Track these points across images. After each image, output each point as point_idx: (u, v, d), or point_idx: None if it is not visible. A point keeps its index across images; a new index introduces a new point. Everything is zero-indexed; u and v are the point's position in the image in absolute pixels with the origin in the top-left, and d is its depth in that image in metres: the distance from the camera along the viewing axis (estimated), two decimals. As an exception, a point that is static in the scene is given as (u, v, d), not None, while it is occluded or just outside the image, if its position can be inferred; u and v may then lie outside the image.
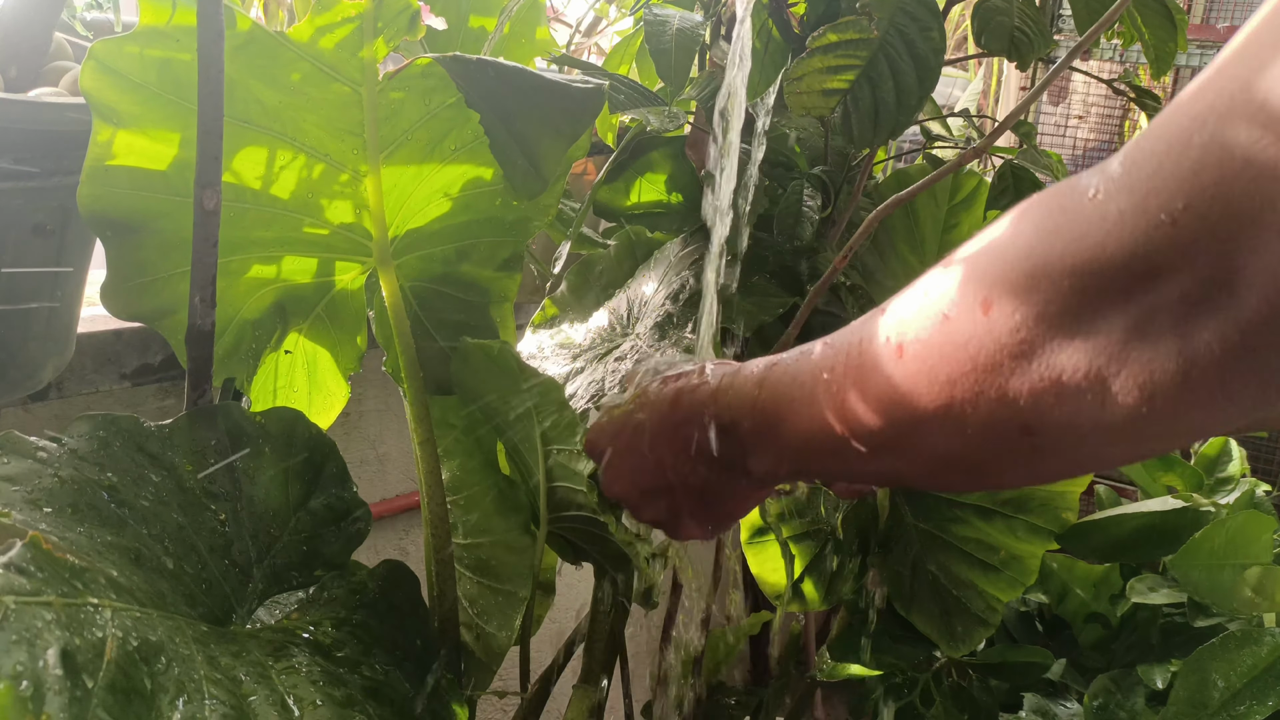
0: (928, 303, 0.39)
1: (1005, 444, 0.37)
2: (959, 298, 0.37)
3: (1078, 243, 0.33)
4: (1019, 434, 0.36)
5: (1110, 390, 0.33)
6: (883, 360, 0.40)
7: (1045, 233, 0.34)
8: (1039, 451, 0.37)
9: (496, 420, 0.91)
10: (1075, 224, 0.33)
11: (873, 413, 0.41)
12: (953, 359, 0.37)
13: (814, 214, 1.01)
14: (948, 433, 0.38)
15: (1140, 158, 0.32)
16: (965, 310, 0.37)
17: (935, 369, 0.38)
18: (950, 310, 0.37)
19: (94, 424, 0.64)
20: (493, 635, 0.94)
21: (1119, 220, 0.32)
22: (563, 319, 1.08)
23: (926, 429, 0.39)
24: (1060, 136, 2.40)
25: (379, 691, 0.64)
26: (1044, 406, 0.35)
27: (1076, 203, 0.33)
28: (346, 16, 0.69)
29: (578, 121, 0.75)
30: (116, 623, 0.49)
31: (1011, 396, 0.36)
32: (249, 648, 0.59)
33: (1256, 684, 0.98)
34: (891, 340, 0.40)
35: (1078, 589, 1.40)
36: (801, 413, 0.45)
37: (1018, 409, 0.36)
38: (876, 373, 0.40)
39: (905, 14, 0.89)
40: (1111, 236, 0.32)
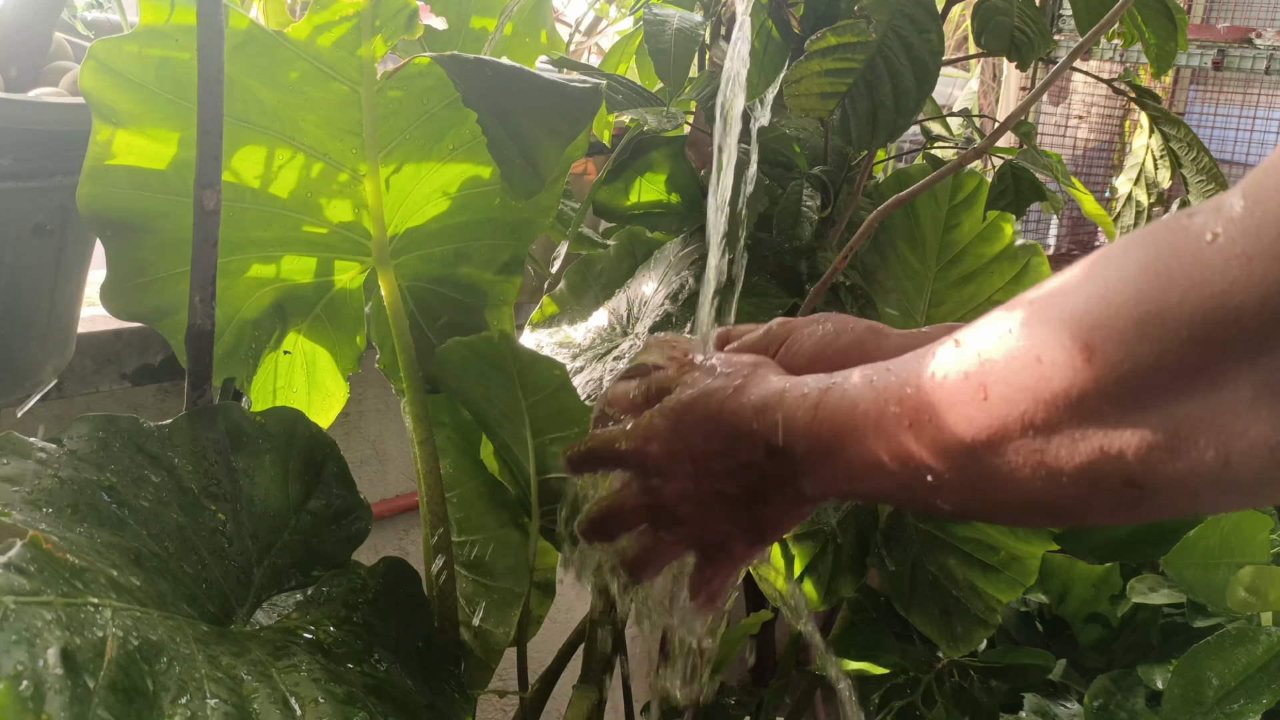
0: (1015, 342, 0.36)
1: (1106, 495, 0.35)
2: (1054, 341, 0.34)
3: (1197, 290, 0.30)
4: (1123, 486, 0.34)
5: (1235, 451, 0.31)
6: (962, 400, 0.37)
7: (1156, 276, 0.31)
8: (1143, 503, 0.34)
9: (482, 415, 0.90)
10: (1192, 269, 0.30)
11: (950, 455, 0.38)
12: (1048, 406, 0.34)
13: (813, 214, 1.01)
14: (1039, 481, 0.36)
15: (1264, 197, 0.29)
16: (1064, 355, 0.34)
17: (1028, 414, 0.35)
18: (1044, 354, 0.34)
19: (94, 424, 0.64)
20: (490, 633, 0.94)
21: (1246, 266, 0.29)
22: (562, 318, 1.08)
23: (1014, 477, 0.36)
24: (1060, 136, 2.40)
25: (380, 688, 0.64)
26: (1154, 462, 0.32)
27: (1193, 245, 0.30)
28: (344, 15, 0.70)
29: (575, 121, 0.76)
30: (117, 622, 0.49)
31: (1117, 450, 0.33)
32: (250, 647, 0.59)
33: (1250, 682, 0.98)
34: (973, 378, 0.37)
35: (1078, 589, 1.40)
36: (866, 444, 0.42)
37: (1124, 463, 0.33)
38: (955, 412, 0.38)
39: (903, 16, 0.89)
40: (1239, 285, 0.29)
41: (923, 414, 0.39)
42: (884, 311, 1.17)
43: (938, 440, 0.39)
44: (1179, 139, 1.10)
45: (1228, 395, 0.30)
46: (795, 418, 0.46)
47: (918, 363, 0.40)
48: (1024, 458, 0.36)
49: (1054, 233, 2.44)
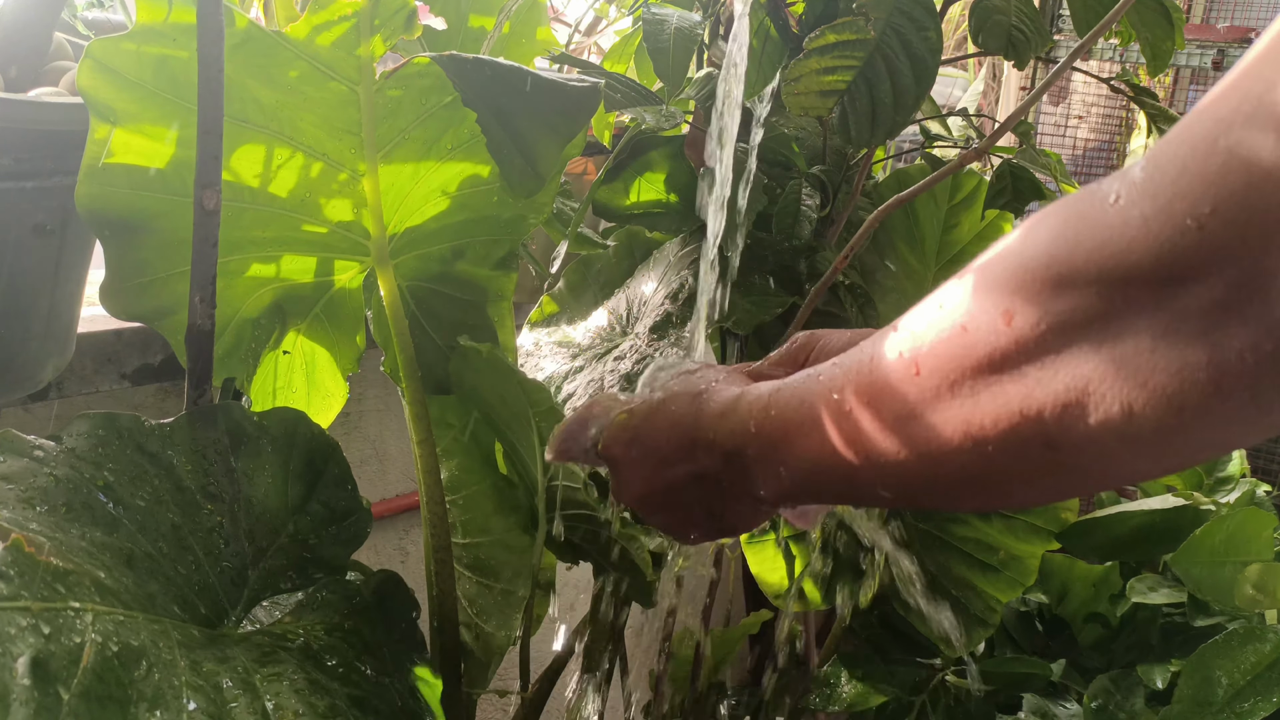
0: (943, 315, 0.37)
1: (1028, 461, 0.36)
2: (977, 309, 0.36)
3: (1101, 249, 0.32)
4: (1043, 449, 0.35)
5: (1137, 401, 0.32)
6: (896, 377, 0.39)
7: (1066, 240, 0.34)
8: (1062, 467, 0.36)
9: (495, 419, 0.91)
10: (1097, 230, 0.32)
11: (887, 433, 0.40)
12: (973, 373, 0.36)
13: (812, 213, 1.01)
14: (967, 451, 0.37)
15: (1164, 162, 0.31)
16: (985, 321, 0.36)
17: (954, 384, 0.37)
18: (968, 321, 0.36)
19: (93, 422, 0.64)
20: (491, 634, 0.94)
21: (1143, 225, 0.31)
22: (561, 317, 1.08)
23: (945, 448, 0.38)
24: (1060, 136, 2.40)
25: (366, 700, 0.63)
26: (1068, 419, 0.34)
27: (1098, 209, 0.33)
28: (343, 14, 0.70)
29: (574, 120, 0.76)
30: (98, 627, 0.48)
31: (1035, 410, 0.35)
32: (236, 653, 0.59)
33: (1260, 681, 0.98)
34: (905, 355, 0.39)
35: (1077, 589, 1.39)
36: (810, 436, 0.43)
37: (1041, 423, 0.35)
38: (890, 391, 0.39)
39: (902, 14, 0.90)
40: (1137, 242, 0.31)
41: (861, 398, 0.41)
42: (883, 311, 1.17)
43: (874, 424, 0.40)
44: (1178, 138, 1.10)
45: (1129, 347, 0.32)
46: (748, 421, 0.47)
47: (860, 352, 0.42)
48: (952, 428, 0.37)
49: (1054, 233, 2.43)
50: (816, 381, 0.44)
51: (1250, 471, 1.38)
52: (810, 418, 0.43)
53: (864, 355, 0.41)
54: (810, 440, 0.43)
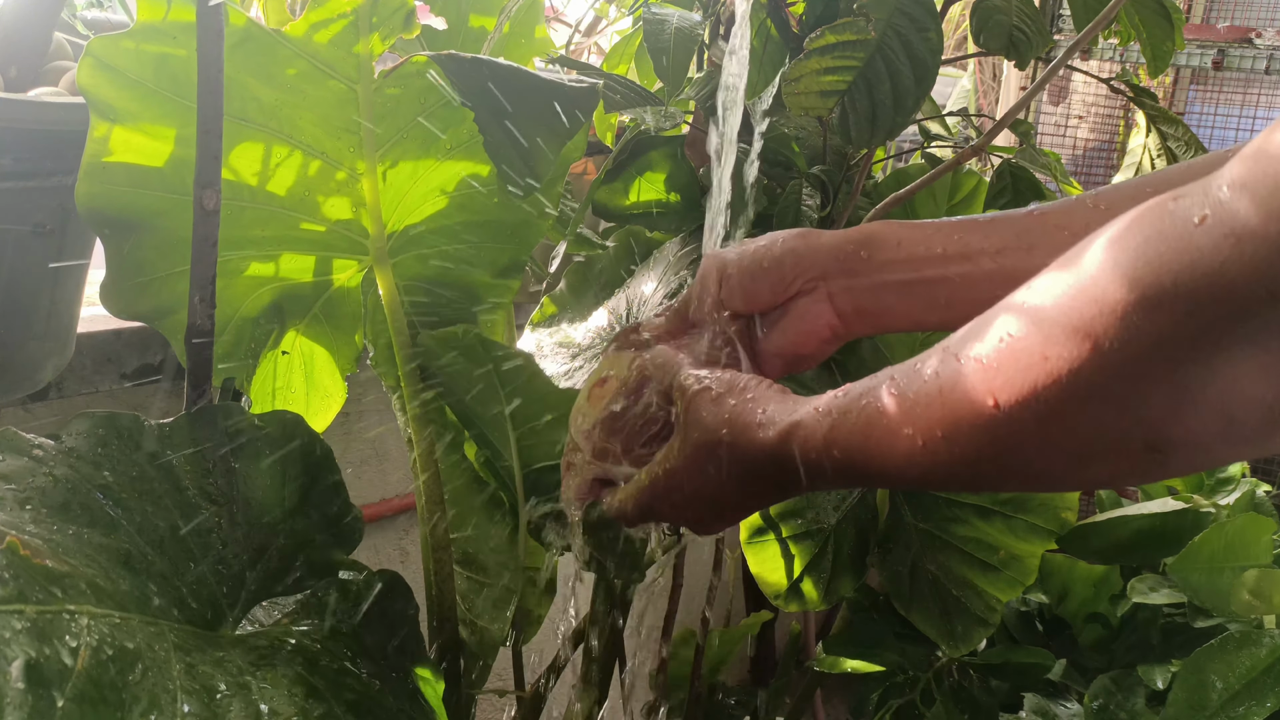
0: (1017, 346, 0.37)
1: (1128, 461, 0.37)
2: (1059, 338, 0.36)
3: (1189, 270, 0.32)
4: (1143, 450, 0.36)
5: (1237, 408, 0.34)
6: (976, 411, 0.39)
7: (1148, 263, 0.34)
8: (1161, 463, 0.37)
9: (466, 410, 0.90)
10: (1184, 252, 0.33)
11: (975, 460, 0.40)
12: (1063, 400, 0.36)
13: (813, 213, 1.01)
14: (1063, 463, 0.39)
15: (1252, 179, 0.32)
16: (1070, 351, 0.36)
17: (1044, 414, 0.37)
18: (1050, 351, 0.36)
19: (92, 422, 0.64)
20: (486, 629, 0.94)
21: (1237, 246, 0.31)
22: (561, 317, 1.08)
23: (1040, 465, 0.39)
24: (1060, 136, 2.40)
25: (360, 705, 0.63)
26: (1168, 426, 0.35)
27: (1181, 230, 0.33)
28: (341, 13, 0.70)
29: (572, 120, 0.76)
30: (93, 630, 0.48)
31: (1133, 421, 0.35)
32: (232, 655, 0.58)
33: (1255, 685, 0.98)
34: (979, 388, 0.39)
35: (1078, 589, 1.39)
36: (886, 464, 0.44)
37: (1140, 431, 0.36)
38: (973, 424, 0.39)
39: (903, 15, 0.90)
40: (1230, 264, 0.32)
41: (936, 431, 0.41)
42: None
43: (958, 452, 0.40)
44: (1177, 138, 1.10)
45: (1225, 360, 0.33)
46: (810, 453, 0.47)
47: (921, 379, 0.42)
48: (1045, 448, 0.38)
49: (1054, 233, 2.43)
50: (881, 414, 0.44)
51: (1250, 471, 1.38)
52: (881, 452, 0.44)
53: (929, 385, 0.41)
54: (888, 471, 0.44)
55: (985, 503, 1.19)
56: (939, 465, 0.41)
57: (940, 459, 0.41)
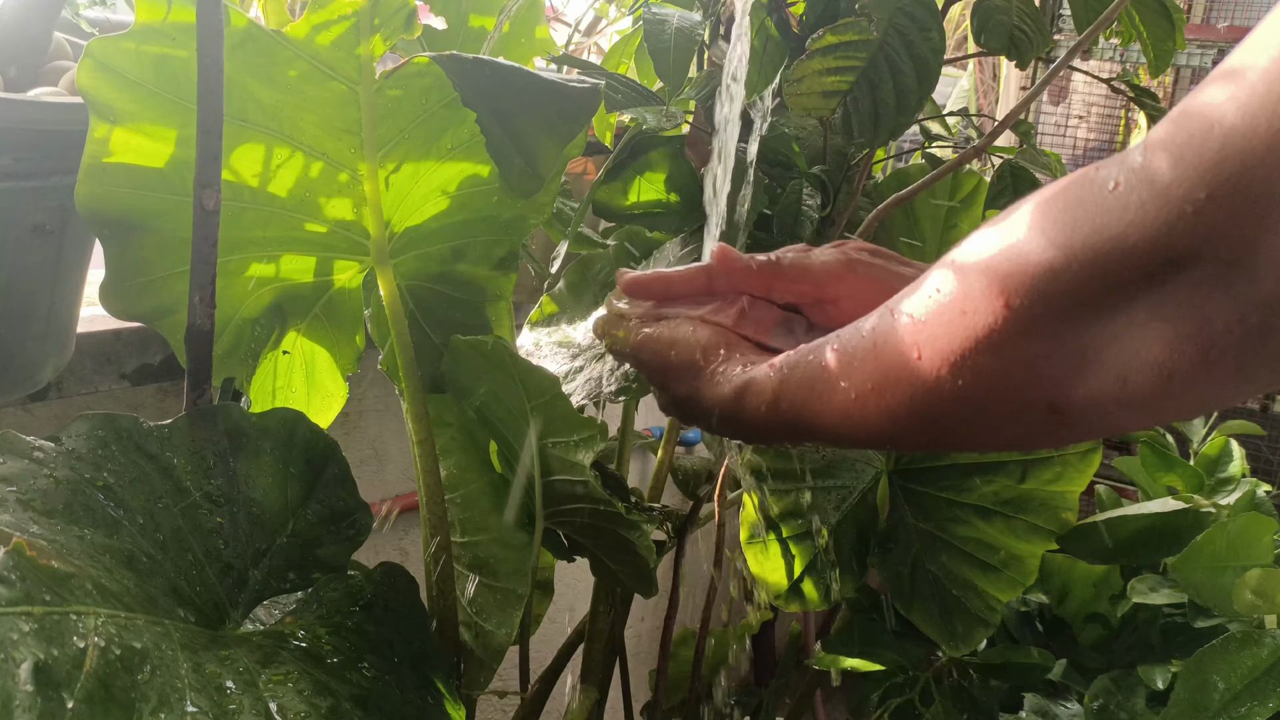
0: (943, 300, 0.39)
1: (1032, 423, 0.39)
2: (976, 293, 0.38)
3: (1099, 234, 0.34)
4: (1045, 412, 0.38)
5: (1131, 369, 0.35)
6: (901, 362, 0.41)
7: (1064, 226, 0.35)
8: (1064, 425, 0.38)
9: (489, 416, 0.91)
10: (1095, 216, 0.34)
11: (896, 413, 0.42)
12: (975, 352, 0.38)
13: (813, 213, 1.01)
14: (975, 421, 0.40)
15: (1161, 149, 0.33)
16: (985, 306, 0.37)
17: (959, 366, 0.39)
18: (969, 306, 0.38)
19: (92, 423, 0.64)
20: (492, 634, 0.94)
21: (1140, 210, 0.33)
22: (561, 317, 1.08)
23: (953, 421, 0.41)
24: (1060, 136, 2.40)
25: (369, 699, 0.63)
26: (1069, 389, 0.37)
27: (1096, 195, 0.34)
28: (343, 14, 0.70)
29: (574, 120, 0.76)
30: (100, 631, 0.48)
31: (1038, 380, 0.37)
32: (238, 654, 0.59)
33: (1257, 686, 0.97)
34: (906, 339, 0.41)
35: (1078, 589, 1.39)
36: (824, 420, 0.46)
37: (1045, 391, 0.37)
38: (896, 375, 0.42)
39: (904, 15, 0.89)
40: (1134, 227, 0.33)
41: (869, 384, 0.43)
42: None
43: (884, 405, 0.43)
44: (1179, 138, 1.10)
45: (1124, 321, 0.34)
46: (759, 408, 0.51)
47: (862, 336, 0.44)
48: (958, 403, 0.40)
49: (1054, 233, 2.43)
50: (825, 369, 0.46)
51: (1250, 472, 1.38)
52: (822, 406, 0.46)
53: (866, 340, 0.44)
54: (823, 423, 0.47)
55: (986, 503, 1.19)
56: (869, 420, 0.44)
57: (870, 413, 0.43)
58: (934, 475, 1.22)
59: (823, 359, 0.47)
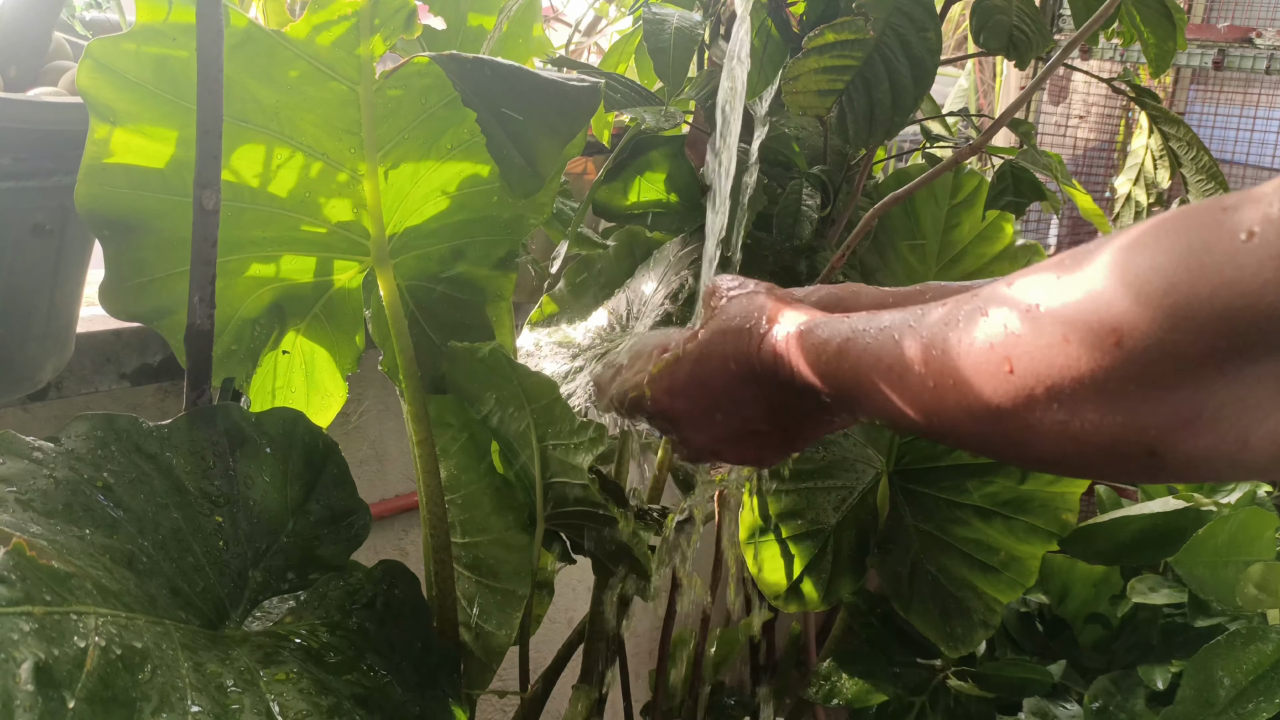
0: (1042, 321, 0.37)
1: (1127, 461, 0.36)
2: (1083, 323, 0.35)
3: (1229, 287, 0.31)
4: (1145, 455, 0.35)
5: (1254, 435, 0.33)
6: (988, 370, 0.39)
7: (1188, 270, 0.32)
8: (1162, 470, 0.36)
9: (490, 418, 0.91)
10: (1225, 266, 0.31)
11: (974, 415, 0.40)
12: (1075, 384, 0.36)
13: (813, 213, 1.01)
14: (1062, 444, 0.38)
15: None
16: (1092, 338, 0.35)
17: (1054, 390, 0.36)
18: (1072, 335, 0.35)
19: (91, 424, 0.64)
20: (492, 634, 0.94)
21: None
22: (561, 317, 1.08)
23: (1037, 437, 0.38)
24: (1060, 136, 2.40)
25: (369, 698, 0.64)
26: (1177, 438, 0.34)
27: (1227, 243, 0.31)
28: (343, 14, 0.70)
29: (573, 120, 0.76)
30: (101, 630, 0.48)
31: (1141, 426, 0.35)
32: (238, 654, 0.59)
33: (1263, 681, 0.98)
34: (998, 350, 0.38)
35: (1078, 589, 1.39)
36: (891, 398, 0.44)
37: (1147, 437, 0.35)
38: (980, 380, 0.39)
39: (902, 14, 0.89)
40: (1270, 287, 0.30)
41: (947, 378, 0.41)
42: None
43: (961, 404, 0.40)
44: (1178, 138, 1.10)
45: (1250, 385, 0.32)
46: (818, 364, 0.48)
47: (943, 326, 0.42)
48: (1047, 426, 0.37)
49: (1054, 232, 2.44)
50: (894, 343, 0.44)
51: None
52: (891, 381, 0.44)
53: (948, 331, 0.41)
54: (891, 402, 0.44)
55: (986, 504, 1.19)
56: (944, 411, 0.41)
57: (947, 405, 0.41)
58: (934, 476, 1.22)
59: (898, 333, 0.44)
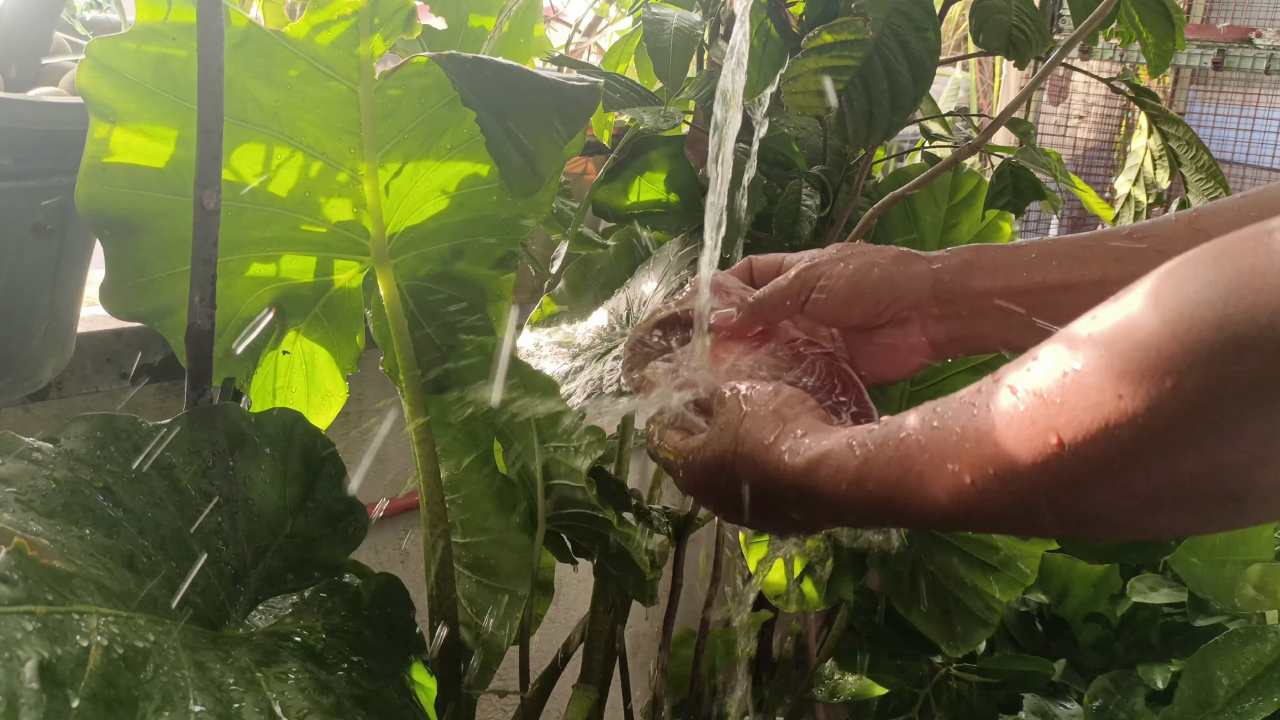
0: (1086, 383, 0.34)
1: (1204, 510, 0.35)
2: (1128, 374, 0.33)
3: None
4: (1222, 500, 0.34)
5: None
6: (1032, 453, 0.36)
7: (1242, 299, 0.31)
8: (1241, 514, 0.35)
9: (492, 418, 0.91)
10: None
11: (1027, 501, 0.37)
12: (1135, 441, 0.33)
13: (813, 213, 1.01)
14: (1132, 513, 0.36)
15: None
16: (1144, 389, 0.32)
17: (1113, 456, 0.34)
18: (1125, 389, 0.33)
19: (91, 424, 0.64)
20: (492, 634, 0.94)
21: None
22: (561, 317, 1.08)
23: (1104, 515, 0.36)
24: (1060, 136, 2.40)
25: (368, 700, 0.63)
26: (1253, 475, 0.33)
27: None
28: (342, 14, 0.70)
29: (573, 120, 0.76)
30: (102, 630, 0.48)
31: (1215, 469, 0.33)
32: (239, 653, 0.59)
33: (1261, 681, 0.98)
34: (1041, 424, 0.36)
35: (1077, 589, 1.40)
36: (925, 501, 0.41)
37: (1222, 479, 0.33)
38: (1026, 461, 0.36)
39: (901, 14, 0.89)
40: None
41: (986, 467, 0.38)
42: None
43: (1010, 492, 0.38)
44: (1178, 138, 1.10)
45: None
46: (840, 486, 0.45)
47: (969, 412, 0.39)
48: (1112, 493, 0.35)
49: (1054, 232, 2.44)
50: (921, 448, 0.41)
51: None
52: (923, 485, 0.41)
53: (977, 418, 0.39)
54: (924, 503, 0.41)
55: (985, 503, 1.19)
56: (989, 505, 0.39)
57: (991, 499, 0.38)
58: (934, 475, 1.22)
59: (919, 437, 0.41)
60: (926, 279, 0.57)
